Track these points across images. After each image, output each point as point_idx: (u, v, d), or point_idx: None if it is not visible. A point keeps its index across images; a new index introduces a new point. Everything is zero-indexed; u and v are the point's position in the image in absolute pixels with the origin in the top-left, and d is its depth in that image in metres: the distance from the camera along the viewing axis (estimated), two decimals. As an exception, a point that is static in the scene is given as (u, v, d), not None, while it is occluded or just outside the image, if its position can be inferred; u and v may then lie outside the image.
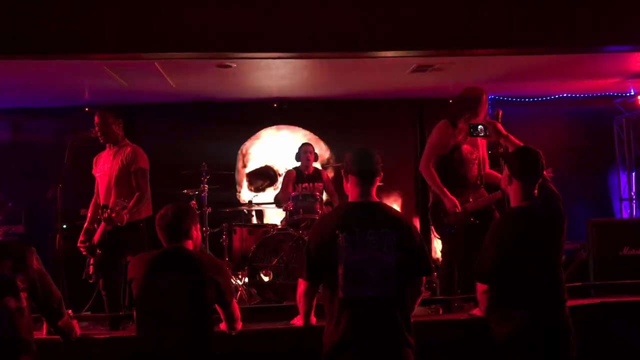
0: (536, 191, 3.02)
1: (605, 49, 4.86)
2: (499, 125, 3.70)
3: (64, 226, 4.77)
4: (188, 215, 2.91)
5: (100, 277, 4.44)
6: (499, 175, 4.31)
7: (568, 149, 7.21)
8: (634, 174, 7.52)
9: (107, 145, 4.69)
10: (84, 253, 4.47)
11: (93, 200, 4.73)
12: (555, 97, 7.49)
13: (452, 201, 4.25)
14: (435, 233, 4.48)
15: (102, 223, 4.31)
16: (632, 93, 7.24)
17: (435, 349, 3.21)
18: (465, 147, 4.39)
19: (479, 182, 4.42)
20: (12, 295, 2.60)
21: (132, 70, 5.47)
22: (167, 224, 2.85)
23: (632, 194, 7.52)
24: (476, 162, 4.40)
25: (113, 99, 6.75)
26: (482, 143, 4.54)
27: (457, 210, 4.24)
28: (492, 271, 2.93)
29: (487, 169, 4.56)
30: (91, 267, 4.40)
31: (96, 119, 4.59)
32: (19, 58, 4.70)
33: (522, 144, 3.36)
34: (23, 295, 2.64)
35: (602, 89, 7.23)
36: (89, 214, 4.69)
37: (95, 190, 4.74)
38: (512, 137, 3.51)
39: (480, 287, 3.00)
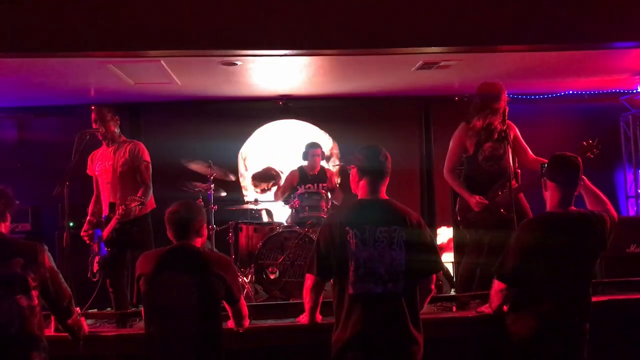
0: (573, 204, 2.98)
1: (612, 45, 4.84)
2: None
3: (71, 224, 4.78)
4: (200, 213, 2.93)
5: (107, 275, 4.45)
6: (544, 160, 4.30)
7: (574, 146, 7.17)
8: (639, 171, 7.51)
9: (104, 142, 4.68)
10: (87, 241, 4.50)
11: (94, 196, 4.75)
12: (561, 95, 7.46)
13: (474, 199, 4.27)
14: (465, 231, 4.48)
15: (112, 221, 4.33)
16: (639, 90, 7.20)
17: (442, 347, 3.21)
18: (488, 145, 4.36)
19: (511, 175, 4.38)
20: (24, 293, 2.60)
21: (138, 69, 5.46)
22: (178, 221, 2.85)
23: (639, 191, 7.50)
24: (504, 156, 4.33)
25: (119, 96, 6.76)
26: (514, 133, 4.48)
27: (483, 205, 4.23)
28: (513, 273, 2.92)
29: (531, 157, 4.48)
30: (96, 265, 4.41)
31: (93, 115, 4.60)
32: (25, 56, 4.72)
33: (599, 191, 3.22)
34: (34, 293, 2.64)
35: (609, 86, 7.20)
36: (90, 209, 4.73)
37: (95, 187, 4.75)
38: (587, 181, 3.27)
39: (498, 286, 3.00)
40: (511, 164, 4.26)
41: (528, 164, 4.45)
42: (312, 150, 6.21)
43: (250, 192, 7.47)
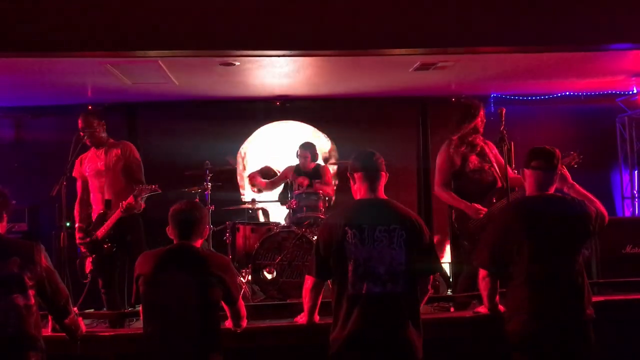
0: (553, 188, 2.99)
1: (609, 47, 4.86)
2: (566, 172, 3.42)
3: (67, 224, 4.79)
4: (205, 214, 2.95)
5: (99, 275, 4.48)
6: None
7: (570, 147, 7.17)
8: (636, 172, 7.52)
9: (93, 146, 4.71)
10: (82, 250, 4.51)
11: (78, 200, 4.75)
12: (558, 96, 7.48)
13: (473, 208, 4.29)
14: (465, 241, 4.49)
15: (114, 215, 4.39)
16: (635, 91, 7.22)
17: (440, 347, 3.22)
18: (473, 158, 4.42)
19: (499, 185, 4.42)
20: (21, 292, 2.60)
21: (136, 69, 5.46)
22: (184, 221, 2.84)
23: (635, 192, 7.52)
24: (490, 168, 4.41)
25: (116, 96, 6.76)
26: (494, 152, 4.54)
27: (482, 214, 4.27)
28: (489, 258, 2.94)
29: (511, 174, 4.53)
30: (90, 265, 4.42)
31: (80, 123, 4.62)
32: (22, 56, 4.71)
33: (588, 193, 3.23)
34: (31, 292, 2.64)
35: (605, 87, 7.22)
36: (77, 214, 4.72)
37: (82, 190, 4.75)
38: (577, 186, 3.31)
39: (481, 273, 3.02)
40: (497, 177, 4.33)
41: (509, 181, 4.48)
42: (301, 150, 6.24)
43: (247, 192, 7.47)
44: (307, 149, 6.27)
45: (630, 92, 7.30)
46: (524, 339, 2.85)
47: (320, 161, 6.53)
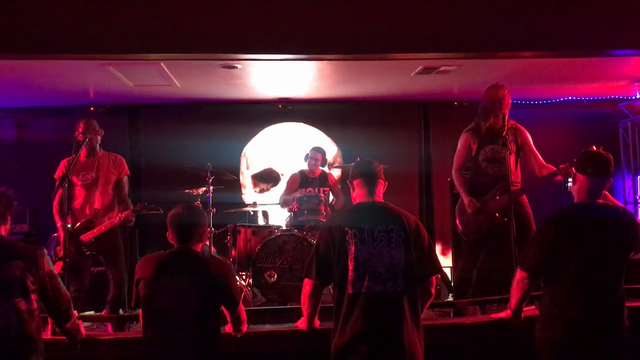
0: (603, 196, 2.95)
1: (612, 53, 4.85)
2: None
3: (69, 225, 4.78)
4: (204, 218, 2.94)
5: (75, 279, 4.52)
6: (553, 168, 4.30)
7: (573, 152, 7.14)
8: (638, 177, 7.52)
9: (83, 153, 4.67)
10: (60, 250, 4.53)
11: (57, 200, 4.55)
12: (560, 100, 7.48)
13: (467, 199, 4.38)
14: (462, 235, 4.53)
15: (99, 227, 4.50)
16: (638, 96, 7.22)
17: (440, 352, 3.20)
18: (490, 147, 4.42)
19: (511, 179, 4.39)
20: (23, 296, 2.59)
21: (138, 71, 5.46)
22: (183, 225, 2.84)
23: (637, 197, 7.52)
24: (506, 160, 4.36)
25: (118, 98, 6.76)
26: (522, 140, 4.52)
27: (471, 208, 4.29)
28: (535, 263, 2.87)
29: (541, 162, 4.47)
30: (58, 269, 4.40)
31: (82, 126, 4.62)
32: (25, 57, 4.71)
33: (618, 202, 3.20)
34: (34, 297, 2.63)
35: (608, 92, 7.21)
36: (56, 212, 4.62)
37: (62, 194, 4.65)
38: (609, 196, 3.29)
39: (519, 275, 2.94)
40: (512, 169, 4.30)
41: (537, 170, 4.45)
42: (312, 153, 6.23)
43: (249, 192, 7.46)
44: (319, 152, 6.26)
45: (633, 97, 7.29)
46: (560, 345, 2.78)
47: (325, 168, 6.51)
